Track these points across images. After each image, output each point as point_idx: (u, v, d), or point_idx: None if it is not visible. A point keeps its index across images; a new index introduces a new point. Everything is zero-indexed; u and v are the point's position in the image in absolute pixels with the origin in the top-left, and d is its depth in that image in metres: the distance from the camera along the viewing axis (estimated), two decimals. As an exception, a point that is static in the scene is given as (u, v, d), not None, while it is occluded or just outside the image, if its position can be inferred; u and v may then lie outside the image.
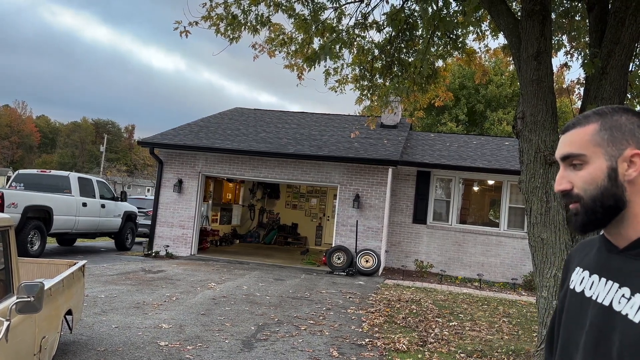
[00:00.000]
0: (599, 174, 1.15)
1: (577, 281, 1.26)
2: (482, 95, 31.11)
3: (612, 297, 1.12)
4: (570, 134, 1.21)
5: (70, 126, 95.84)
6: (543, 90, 5.62)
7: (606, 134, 1.16)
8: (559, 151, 1.22)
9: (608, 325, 1.10)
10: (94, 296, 7.86)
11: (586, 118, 1.21)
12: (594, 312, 1.15)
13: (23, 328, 3.54)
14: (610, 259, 1.18)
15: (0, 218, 3.53)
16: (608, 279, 1.15)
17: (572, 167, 1.19)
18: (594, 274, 1.21)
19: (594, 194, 1.15)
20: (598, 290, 1.16)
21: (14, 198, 10.36)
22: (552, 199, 5.46)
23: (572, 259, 1.35)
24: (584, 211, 1.16)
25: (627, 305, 1.07)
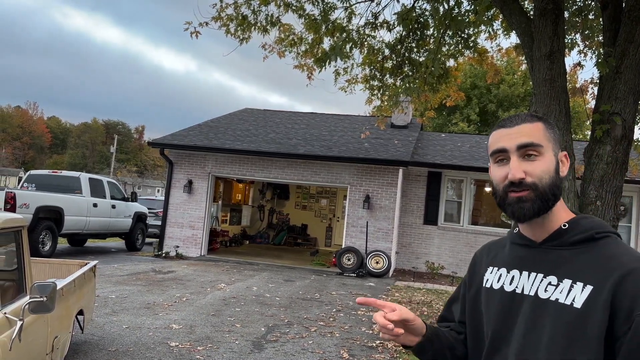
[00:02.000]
0: (551, 166, 1.25)
1: (493, 279, 1.33)
2: (494, 95, 30.93)
3: (537, 287, 1.22)
4: (521, 127, 1.27)
5: (81, 127, 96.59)
6: (556, 90, 5.55)
7: (551, 133, 1.28)
8: (516, 140, 1.25)
9: (537, 313, 1.19)
10: (105, 296, 7.89)
11: (529, 117, 1.29)
12: (522, 304, 1.23)
13: (36, 328, 3.55)
14: (529, 253, 1.28)
15: (13, 218, 3.54)
16: (530, 271, 1.25)
17: (524, 157, 1.25)
18: (514, 269, 1.29)
19: (549, 182, 1.23)
20: (521, 283, 1.26)
21: (25, 198, 10.44)
22: (566, 200, 5.38)
23: (480, 261, 1.43)
24: (539, 198, 1.23)
25: (556, 292, 1.18)
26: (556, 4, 5.65)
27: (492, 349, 1.28)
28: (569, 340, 1.14)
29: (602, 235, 1.23)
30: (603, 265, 1.16)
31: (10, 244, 3.60)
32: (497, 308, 1.29)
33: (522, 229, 1.32)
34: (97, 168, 78.82)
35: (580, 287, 1.16)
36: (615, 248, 1.20)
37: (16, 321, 3.02)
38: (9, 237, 3.57)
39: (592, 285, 1.15)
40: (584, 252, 1.21)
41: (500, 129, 1.30)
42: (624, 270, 1.13)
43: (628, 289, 1.11)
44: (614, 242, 1.22)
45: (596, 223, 1.26)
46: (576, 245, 1.23)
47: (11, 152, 74.86)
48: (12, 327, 3.02)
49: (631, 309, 1.09)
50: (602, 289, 1.13)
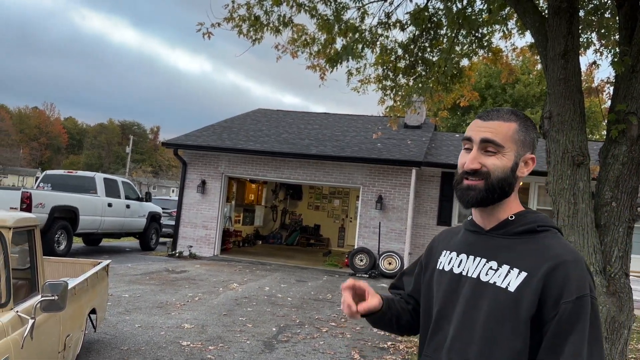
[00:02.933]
0: (507, 165, 1.34)
1: (445, 262, 1.44)
2: (510, 95, 30.66)
3: (480, 270, 1.32)
4: (493, 124, 1.36)
5: (97, 128, 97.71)
6: (570, 90, 5.47)
7: (522, 136, 1.36)
8: (481, 134, 1.35)
9: (477, 294, 1.30)
10: (118, 296, 7.96)
11: (507, 114, 1.38)
12: (465, 285, 1.34)
13: (48, 326, 3.59)
14: (477, 239, 1.39)
15: (26, 218, 3.58)
16: (476, 256, 1.36)
17: (484, 151, 1.35)
18: (462, 253, 1.40)
19: (500, 177, 1.33)
20: (467, 266, 1.36)
21: (41, 198, 10.57)
22: (580, 200, 5.31)
23: (436, 245, 1.55)
24: (485, 189, 1.33)
25: (494, 276, 1.29)
26: (570, 3, 5.57)
27: (436, 326, 1.39)
28: (501, 320, 1.23)
29: (542, 228, 1.33)
30: (538, 255, 1.26)
31: (23, 243, 3.64)
32: (444, 288, 1.39)
33: (474, 217, 1.43)
34: (112, 168, 79.65)
35: (516, 273, 1.26)
36: (552, 241, 1.30)
37: (28, 319, 3.05)
38: (22, 237, 3.61)
39: (526, 272, 1.25)
40: (524, 242, 1.32)
41: (477, 119, 1.40)
42: (556, 261, 1.23)
43: (558, 279, 1.21)
44: (553, 236, 1.32)
45: (540, 217, 1.36)
46: (518, 235, 1.33)
47: (29, 152, 75.96)
48: (24, 326, 3.06)
49: (559, 297, 1.19)
50: (535, 276, 1.23)
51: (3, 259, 3.10)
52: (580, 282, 1.22)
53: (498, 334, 1.24)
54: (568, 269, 1.22)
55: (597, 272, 5.00)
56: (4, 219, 3.21)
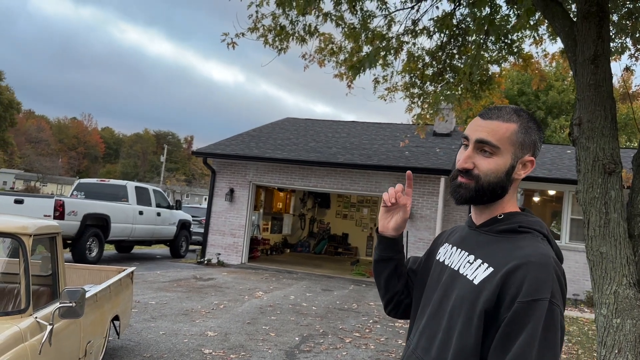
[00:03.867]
0: (502, 168, 1.33)
1: (442, 254, 1.48)
2: (543, 102, 30.00)
3: (461, 262, 1.36)
4: (492, 123, 1.34)
5: (133, 137, 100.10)
6: (601, 95, 5.29)
7: (521, 137, 1.34)
8: (477, 133, 1.34)
9: (452, 284, 1.33)
10: (145, 302, 8.06)
11: (508, 114, 1.35)
12: (446, 275, 1.38)
13: (68, 332, 3.64)
14: (469, 234, 1.42)
15: (47, 225, 3.65)
16: (462, 249, 1.39)
17: (479, 151, 1.34)
18: (454, 246, 1.44)
19: (492, 181, 1.33)
20: (453, 258, 1.40)
21: (74, 206, 10.83)
22: (612, 210, 5.11)
23: (442, 238, 1.58)
24: (475, 189, 1.34)
25: (468, 268, 1.31)
26: (600, 7, 5.41)
27: (421, 311, 1.44)
28: (462, 310, 1.25)
29: (524, 229, 1.32)
30: (509, 253, 1.26)
31: (45, 250, 3.71)
32: (434, 277, 1.45)
33: (472, 213, 1.45)
34: (147, 177, 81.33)
35: (485, 267, 1.27)
36: (528, 242, 1.28)
37: (46, 326, 3.09)
38: (45, 244, 3.69)
39: (493, 267, 1.26)
40: (504, 240, 1.32)
41: (478, 117, 1.39)
42: (521, 261, 1.22)
43: (517, 278, 1.19)
44: (532, 238, 1.30)
45: (525, 219, 1.35)
46: (501, 233, 1.34)
47: (67, 161, 78.31)
48: (42, 332, 3.10)
49: (515, 296, 1.18)
50: (498, 272, 1.23)
51: (23, 266, 3.17)
52: (540, 285, 1.18)
53: (455, 324, 1.26)
54: (530, 269, 1.20)
55: (630, 284, 4.80)
56: (25, 226, 3.28)
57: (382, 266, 1.61)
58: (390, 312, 1.65)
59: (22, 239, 3.21)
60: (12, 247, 3.38)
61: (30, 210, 10.32)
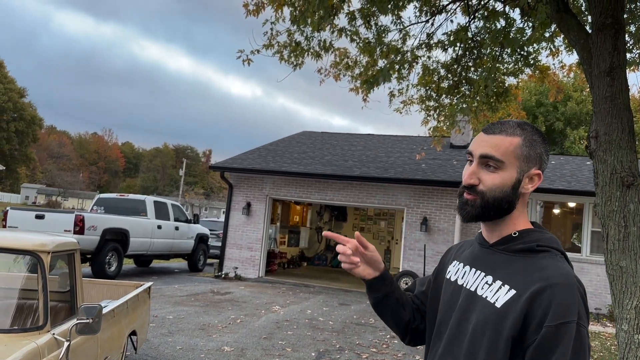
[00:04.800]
0: (507, 182, 1.31)
1: (453, 272, 1.44)
2: (562, 113, 29.69)
3: (478, 283, 1.32)
4: (495, 138, 1.33)
5: (153, 152, 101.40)
6: (618, 108, 5.24)
7: (525, 151, 1.33)
8: (481, 149, 1.33)
9: (470, 306, 1.30)
10: (163, 317, 8.11)
11: (512, 128, 1.34)
12: (463, 296, 1.34)
13: (85, 348, 3.68)
14: (482, 253, 1.38)
15: (66, 242, 3.72)
16: (477, 269, 1.36)
17: (484, 166, 1.33)
18: (467, 265, 1.40)
19: (497, 196, 1.31)
20: (468, 278, 1.36)
21: (93, 221, 10.99)
22: (632, 223, 5.03)
23: (449, 255, 1.55)
24: (480, 206, 1.32)
25: (487, 290, 1.28)
26: (615, 18, 5.37)
27: (437, 334, 1.40)
28: (482, 335, 1.23)
29: (542, 248, 1.30)
30: (530, 274, 1.24)
31: (63, 266, 3.78)
32: (446, 298, 1.41)
33: (482, 230, 1.42)
34: (167, 191, 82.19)
35: (506, 289, 1.24)
36: (548, 262, 1.26)
37: (63, 342, 3.14)
38: (63, 260, 3.75)
39: (515, 290, 1.23)
40: (522, 260, 1.29)
41: (481, 132, 1.38)
42: (545, 283, 1.20)
43: (544, 301, 1.18)
44: (551, 257, 1.28)
45: (542, 237, 1.32)
46: (518, 252, 1.31)
47: (88, 176, 79.57)
48: (59, 348, 3.15)
49: (542, 320, 1.16)
50: (522, 295, 1.21)
51: (41, 283, 3.23)
52: (568, 308, 1.17)
53: (478, 348, 1.23)
54: (556, 292, 1.18)
55: (651, 300, 4.70)
56: (43, 244, 3.35)
57: (382, 306, 1.56)
58: (410, 342, 1.60)
59: (41, 256, 3.28)
60: (31, 263, 3.45)
61: (50, 225, 10.50)
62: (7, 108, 59.27)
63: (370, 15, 8.47)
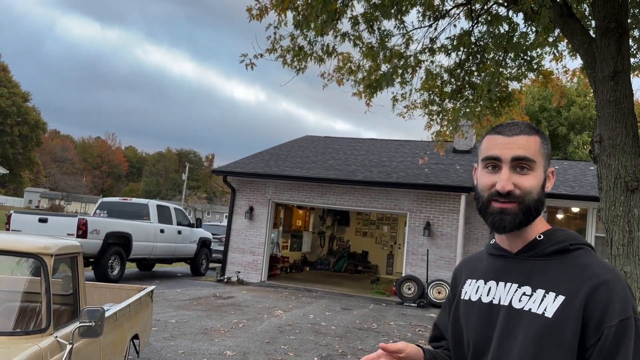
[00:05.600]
0: (539, 183, 1.26)
1: (470, 291, 1.35)
2: (565, 118, 29.67)
3: (512, 297, 1.23)
4: (519, 139, 1.26)
5: (156, 156, 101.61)
6: (622, 112, 5.23)
7: (545, 149, 1.29)
8: (511, 151, 1.25)
9: (511, 324, 1.21)
10: (165, 321, 8.10)
11: (527, 127, 1.29)
12: (497, 314, 1.25)
13: (87, 352, 3.68)
14: (506, 264, 1.29)
15: (69, 245, 3.72)
16: (506, 282, 1.27)
17: (515, 169, 1.25)
18: (490, 280, 1.31)
19: (535, 198, 1.25)
20: (498, 294, 1.27)
21: (96, 225, 11.00)
22: (636, 228, 5.01)
23: (459, 275, 1.45)
24: (522, 212, 1.24)
25: (529, 302, 1.20)
26: (619, 23, 5.37)
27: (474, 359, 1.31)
28: (539, 349, 1.15)
29: (575, 246, 1.24)
30: (576, 276, 1.18)
31: (66, 269, 3.78)
32: (476, 320, 1.30)
33: (498, 240, 1.34)
34: (169, 195, 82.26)
35: (553, 297, 1.17)
36: (588, 259, 1.21)
37: (66, 345, 3.14)
38: (66, 263, 3.75)
39: (563, 295, 1.16)
40: (557, 262, 1.23)
41: (497, 135, 1.30)
42: (597, 281, 1.14)
43: (599, 301, 1.12)
44: (587, 254, 1.23)
45: (570, 235, 1.27)
46: (550, 255, 1.25)
47: (91, 180, 79.72)
48: (62, 351, 3.14)
49: (601, 321, 1.11)
50: (574, 299, 1.14)
51: (45, 286, 3.23)
52: (623, 304, 1.13)
53: None
54: (610, 289, 1.13)
55: (656, 306, 4.67)
56: (46, 247, 3.35)
57: None
58: None
59: (44, 259, 3.27)
60: (34, 266, 3.45)
61: (54, 228, 10.51)
62: (11, 112, 59.53)
63: (374, 19, 8.49)
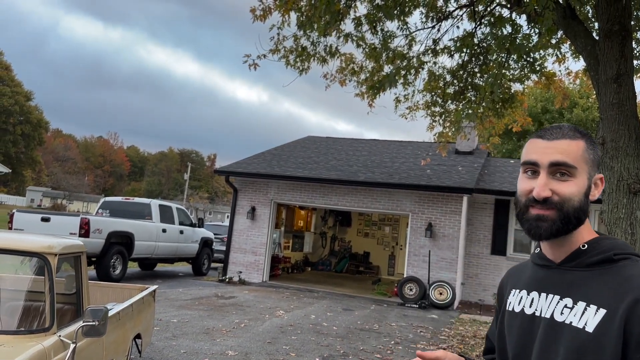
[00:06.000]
0: (581, 190, 1.21)
1: (514, 302, 1.32)
2: (567, 120, 29.63)
3: (554, 309, 1.19)
4: (560, 143, 1.22)
5: (158, 156, 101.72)
6: (625, 115, 5.23)
7: (591, 154, 1.23)
8: (549, 156, 1.21)
9: (552, 337, 1.17)
10: (167, 320, 8.11)
11: (572, 131, 1.24)
12: (539, 326, 1.22)
13: (90, 351, 3.69)
14: (549, 275, 1.25)
15: (73, 244, 3.74)
16: (548, 293, 1.23)
17: (555, 175, 1.21)
18: (533, 291, 1.27)
19: (575, 206, 1.19)
20: (540, 305, 1.24)
21: (98, 224, 11.02)
22: (639, 230, 5.01)
23: (505, 285, 1.41)
24: (560, 219, 1.19)
25: (570, 314, 1.15)
26: (623, 25, 5.37)
27: None
28: None
29: (621, 256, 1.18)
30: (617, 287, 1.13)
31: (70, 269, 3.79)
32: (518, 331, 1.28)
33: (543, 249, 1.30)
34: (171, 195, 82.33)
35: (594, 310, 1.13)
36: (633, 270, 1.15)
37: (69, 344, 3.15)
38: (70, 262, 3.77)
39: (605, 308, 1.11)
40: (601, 273, 1.18)
41: (537, 139, 1.26)
42: (638, 294, 1.09)
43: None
44: (633, 264, 1.17)
45: (617, 244, 1.22)
46: (594, 266, 1.19)
47: (93, 179, 79.86)
48: (65, 350, 3.16)
49: None
50: (615, 313, 1.10)
51: (48, 285, 3.24)
52: None
53: None
54: None
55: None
56: (50, 246, 3.36)
57: None
58: None
59: (48, 258, 3.29)
60: (38, 266, 3.46)
61: (56, 228, 10.54)
62: (14, 111, 59.65)
63: (377, 20, 8.49)
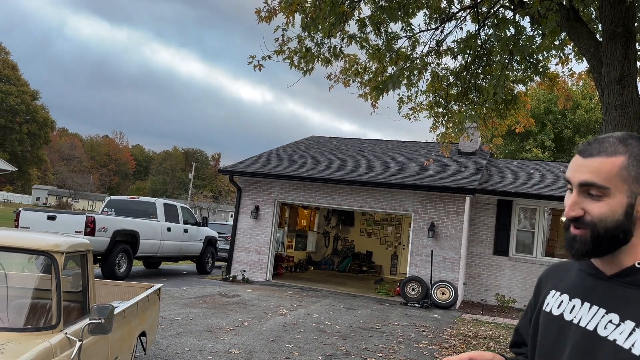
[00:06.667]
0: (618, 209, 1.13)
1: (553, 304, 1.27)
2: (570, 121, 29.58)
3: (598, 322, 1.14)
4: (594, 161, 1.15)
5: (163, 155, 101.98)
6: (628, 116, 5.25)
7: (633, 171, 1.13)
8: (579, 175, 1.16)
9: (590, 348, 1.13)
10: (172, 318, 8.18)
11: (613, 146, 1.15)
12: (577, 335, 1.17)
13: (96, 348, 3.74)
14: (597, 285, 1.20)
15: (79, 243, 3.79)
16: (593, 304, 1.18)
17: (588, 194, 1.16)
18: (575, 298, 1.23)
19: (609, 226, 1.13)
20: (581, 314, 1.19)
21: (104, 223, 11.10)
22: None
23: (544, 282, 1.37)
24: (592, 240, 1.15)
25: (615, 332, 1.10)
26: (626, 27, 5.39)
27: None
28: None
29: None
30: None
31: (76, 267, 3.85)
32: (552, 335, 1.24)
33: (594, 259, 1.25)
34: (175, 194, 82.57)
35: None
36: None
37: (76, 341, 3.20)
38: (76, 261, 3.82)
39: None
40: None
41: (576, 155, 1.21)
42: None
43: None
44: None
45: None
46: None
47: (98, 178, 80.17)
48: (72, 347, 3.21)
49: None
50: None
51: (55, 283, 3.29)
52: None
53: None
54: None
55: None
56: (57, 244, 3.42)
57: None
58: None
59: (55, 257, 3.34)
60: (45, 264, 3.52)
61: (62, 226, 10.62)
62: (20, 110, 59.96)
63: (381, 22, 8.53)
